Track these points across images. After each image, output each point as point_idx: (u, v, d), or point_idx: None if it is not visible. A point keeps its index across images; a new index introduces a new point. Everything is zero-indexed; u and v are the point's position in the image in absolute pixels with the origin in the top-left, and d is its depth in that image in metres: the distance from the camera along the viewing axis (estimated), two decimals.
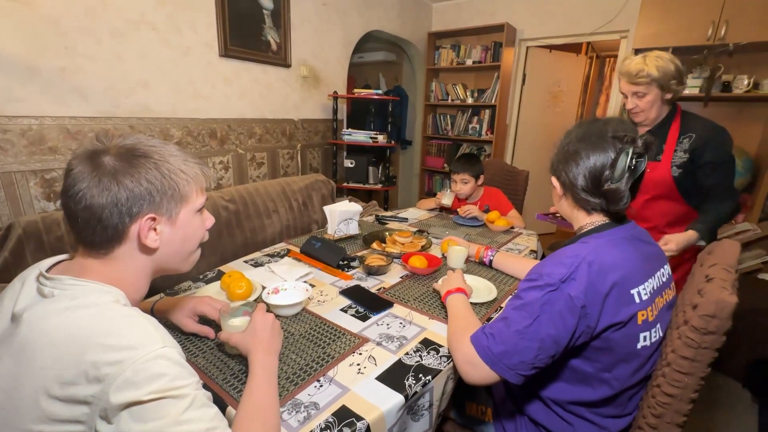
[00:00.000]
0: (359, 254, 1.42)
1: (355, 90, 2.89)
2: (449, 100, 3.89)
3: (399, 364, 0.81)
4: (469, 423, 0.99)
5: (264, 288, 1.10)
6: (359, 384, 0.75)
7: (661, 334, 0.76)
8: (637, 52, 2.76)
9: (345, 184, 3.02)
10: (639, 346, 0.73)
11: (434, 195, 4.11)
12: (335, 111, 2.95)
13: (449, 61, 3.82)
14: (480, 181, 1.99)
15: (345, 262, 1.34)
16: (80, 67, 1.72)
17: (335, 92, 2.92)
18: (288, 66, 2.64)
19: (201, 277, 1.20)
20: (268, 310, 0.84)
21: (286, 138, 2.77)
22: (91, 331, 0.51)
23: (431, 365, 0.81)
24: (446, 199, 1.96)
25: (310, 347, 0.86)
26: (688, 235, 1.24)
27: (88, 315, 0.53)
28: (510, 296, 0.93)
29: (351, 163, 2.93)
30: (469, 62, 3.67)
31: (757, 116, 2.69)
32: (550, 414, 0.84)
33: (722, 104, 2.74)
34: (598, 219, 0.81)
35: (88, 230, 0.57)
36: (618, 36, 3.18)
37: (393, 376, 0.77)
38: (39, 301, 0.56)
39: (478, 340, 0.76)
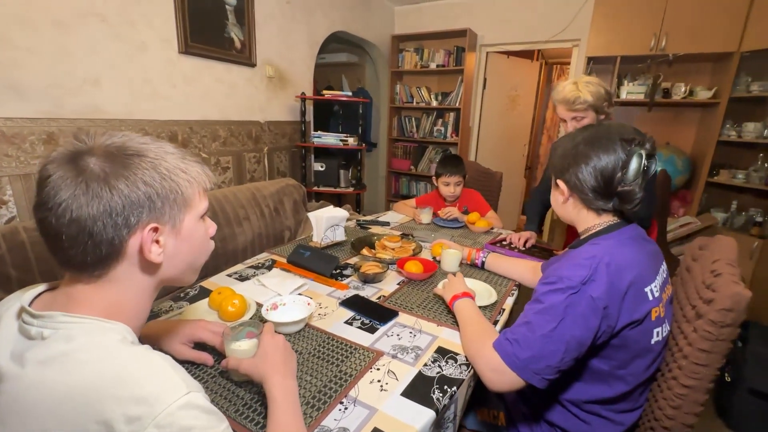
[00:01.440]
0: (350, 261, 1.37)
1: (324, 91, 2.81)
2: (414, 103, 3.93)
3: (421, 376, 0.78)
4: (482, 429, 0.98)
5: (258, 305, 1.02)
6: (386, 402, 0.71)
7: (668, 328, 0.80)
8: (589, 60, 2.97)
9: (315, 187, 2.93)
10: (653, 341, 0.76)
11: (403, 198, 4.16)
12: (303, 113, 2.85)
13: (413, 64, 3.85)
14: (464, 181, 2.01)
15: (337, 271, 1.28)
16: (16, 60, 1.50)
17: (303, 93, 2.82)
18: (253, 65, 2.51)
19: (182, 295, 1.08)
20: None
21: (252, 141, 2.63)
22: (100, 382, 0.42)
23: (453, 375, 0.79)
24: (425, 217, 1.94)
25: (323, 366, 0.80)
26: None
27: (93, 361, 0.44)
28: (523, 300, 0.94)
29: (321, 167, 2.85)
30: (432, 66, 3.73)
31: (692, 120, 2.99)
32: (566, 414, 0.85)
33: (663, 109, 3.02)
34: (607, 219, 0.83)
35: (76, 249, 0.47)
36: (570, 44, 3.38)
37: (418, 391, 0.74)
38: (25, 345, 0.46)
39: (503, 346, 0.75)
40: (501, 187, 2.29)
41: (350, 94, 2.81)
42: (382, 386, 0.75)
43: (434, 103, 3.81)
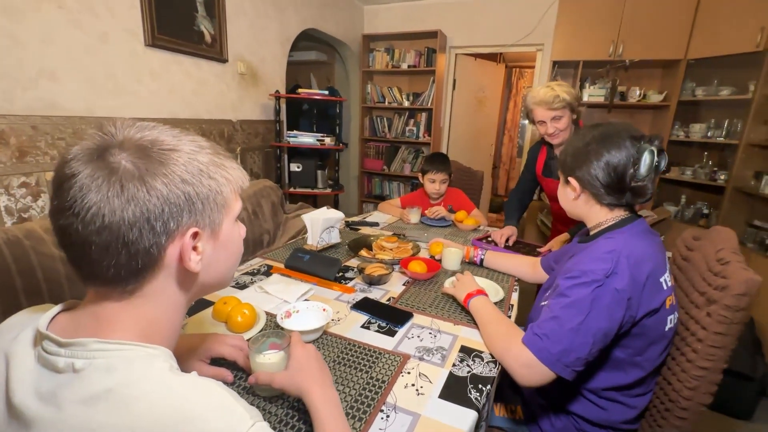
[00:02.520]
0: (349, 264, 1.33)
1: (300, 90, 2.73)
2: (386, 103, 3.93)
3: (453, 377, 0.77)
4: (501, 424, 0.99)
5: (267, 314, 0.96)
6: (426, 407, 0.69)
7: (677, 315, 0.85)
8: (554, 64, 3.12)
9: (291, 189, 2.84)
10: (667, 328, 0.80)
11: (376, 198, 4.14)
12: (277, 112, 2.75)
13: (384, 64, 3.85)
14: (449, 180, 2.03)
15: (340, 274, 1.24)
16: None
17: (277, 91, 2.73)
18: (224, 61, 2.39)
19: None
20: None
21: (224, 140, 2.49)
22: (160, 421, 0.37)
23: (483, 373, 0.79)
24: (414, 217, 1.94)
25: (352, 374, 0.77)
26: (565, 236, 1.53)
27: (147, 396, 0.38)
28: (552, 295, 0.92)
29: (298, 167, 2.77)
30: (404, 66, 3.75)
31: (645, 121, 3.25)
32: (584, 402, 0.88)
33: (621, 110, 3.24)
34: (619, 214, 0.87)
35: (108, 261, 0.40)
36: (534, 49, 3.54)
37: (454, 392, 0.73)
38: (55, 381, 0.39)
39: (533, 342, 0.76)
40: (482, 186, 2.35)
41: (327, 92, 2.76)
42: (417, 390, 0.73)
43: (406, 104, 3.83)
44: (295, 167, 2.78)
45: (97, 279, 0.43)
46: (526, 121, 6.24)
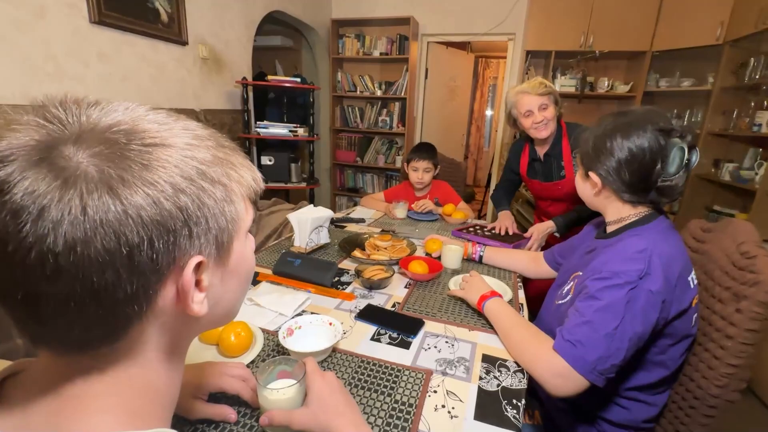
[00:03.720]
0: (343, 266, 1.23)
1: (269, 77, 2.54)
2: (357, 92, 3.79)
3: (484, 393, 0.71)
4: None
5: (263, 331, 0.85)
6: None
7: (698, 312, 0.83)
8: (528, 53, 3.13)
9: (264, 184, 2.65)
10: (692, 326, 0.78)
11: (350, 191, 4.02)
12: (245, 100, 2.55)
13: (355, 51, 3.70)
14: (436, 171, 1.97)
15: (336, 279, 1.14)
16: None
17: (244, 78, 2.52)
18: (184, 44, 2.16)
19: None
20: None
21: None
22: None
23: (514, 385, 0.73)
24: (400, 212, 1.85)
25: (374, 398, 0.68)
26: (547, 225, 1.50)
27: None
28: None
29: (270, 160, 2.59)
30: (376, 53, 3.62)
31: (612, 110, 3.35)
32: (606, 403, 0.85)
33: (590, 101, 3.32)
34: (642, 210, 0.83)
35: (68, 319, 0.28)
36: (506, 38, 3.54)
37: (489, 411, 0.66)
38: None
39: (567, 350, 0.70)
40: (466, 177, 2.30)
41: (298, 80, 2.58)
42: (449, 412, 0.66)
43: (378, 93, 3.72)
44: (266, 160, 2.60)
45: (54, 342, 0.30)
46: (491, 112, 6.39)
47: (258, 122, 2.61)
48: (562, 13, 2.95)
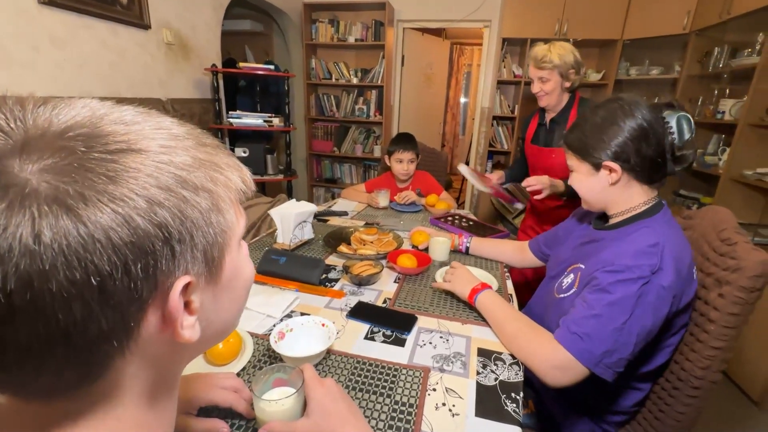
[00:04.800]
0: (327, 261, 1.20)
1: (241, 64, 2.42)
2: (333, 79, 3.69)
3: (482, 388, 0.70)
4: None
5: (251, 335, 0.81)
6: (466, 430, 0.61)
7: None
8: (504, 41, 3.13)
9: (253, 183, 2.55)
10: (689, 314, 0.81)
11: (327, 182, 3.94)
12: (215, 89, 2.42)
13: (329, 37, 3.59)
14: (417, 161, 1.94)
15: (324, 276, 1.11)
16: None
17: (213, 65, 2.39)
18: (146, 27, 2.01)
19: None
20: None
21: None
22: None
23: (511, 378, 0.73)
24: (383, 200, 1.82)
25: (373, 400, 0.66)
26: (559, 183, 1.44)
27: None
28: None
29: (244, 152, 2.49)
30: (351, 39, 3.52)
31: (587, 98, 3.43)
32: (600, 390, 0.87)
33: None
34: (651, 199, 0.82)
35: (31, 365, 0.23)
36: (482, 25, 3.52)
37: (489, 407, 0.66)
38: None
39: (572, 342, 0.71)
40: (447, 166, 2.30)
41: (272, 67, 2.47)
42: (450, 410, 0.65)
43: (354, 80, 3.63)
44: (241, 152, 2.50)
45: (20, 389, 0.25)
46: (466, 100, 6.40)
47: (230, 112, 2.48)
48: (536, 1, 2.96)
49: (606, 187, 0.84)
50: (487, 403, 0.67)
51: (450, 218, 1.65)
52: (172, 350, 0.31)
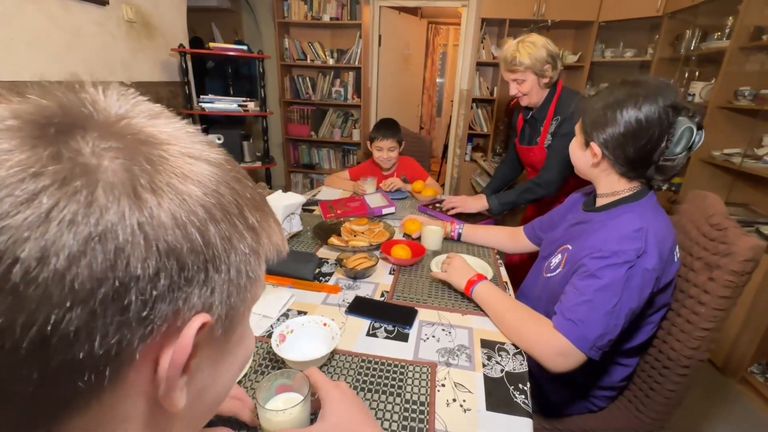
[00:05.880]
0: (319, 254, 1.17)
1: (211, 44, 2.27)
2: (308, 60, 3.54)
3: (491, 381, 0.71)
4: None
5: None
6: (479, 425, 0.61)
7: None
8: (483, 21, 3.09)
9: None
10: (670, 295, 0.84)
11: (305, 167, 3.84)
12: (184, 71, 2.27)
13: (302, 15, 3.42)
14: (401, 148, 1.90)
15: (317, 271, 1.08)
16: None
17: (181, 45, 2.22)
18: (103, 3, 1.84)
19: None
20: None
21: None
22: None
23: (516, 369, 0.74)
24: (369, 187, 1.78)
25: (383, 400, 0.65)
26: (479, 203, 1.50)
27: None
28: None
29: (219, 139, 2.37)
30: (326, 18, 3.38)
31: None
32: (590, 369, 0.90)
33: None
34: (636, 185, 0.83)
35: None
36: (459, 4, 3.45)
37: (499, 400, 0.67)
38: None
39: (569, 329, 0.72)
40: (431, 153, 2.28)
41: (245, 48, 2.33)
42: (461, 405, 0.65)
43: (331, 62, 3.51)
44: (215, 139, 2.37)
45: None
46: (442, 80, 6.35)
47: (201, 96, 2.34)
48: None
49: (588, 165, 0.86)
50: (497, 396, 0.67)
51: (438, 205, 1.64)
52: (148, 418, 0.24)
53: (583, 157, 0.86)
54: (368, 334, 0.82)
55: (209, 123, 2.56)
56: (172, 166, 0.21)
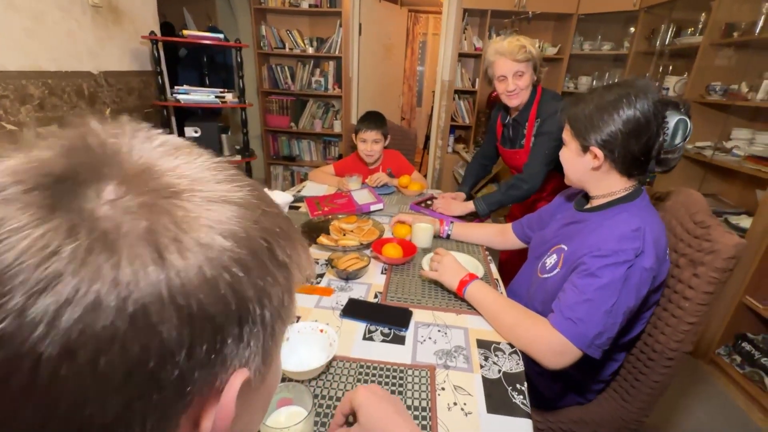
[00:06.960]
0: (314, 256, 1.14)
1: (185, 32, 2.15)
2: (286, 49, 3.43)
3: (489, 383, 0.71)
4: None
5: None
6: (482, 429, 0.62)
7: None
8: (465, 11, 3.07)
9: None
10: (662, 291, 0.86)
11: (285, 159, 3.75)
12: (157, 60, 2.15)
13: (279, 1, 3.30)
14: (386, 142, 1.88)
15: None
16: None
17: (152, 33, 2.10)
18: None
19: None
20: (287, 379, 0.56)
21: (84, 101, 1.86)
22: None
23: (513, 369, 0.75)
24: (354, 185, 1.75)
25: None
26: (463, 206, 1.51)
27: None
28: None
29: (196, 132, 2.27)
30: (305, 5, 3.27)
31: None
32: (582, 364, 0.92)
33: None
34: (632, 184, 0.85)
35: None
36: None
37: (499, 402, 0.67)
38: None
39: (568, 327, 0.74)
40: (416, 146, 2.26)
41: (221, 36, 2.23)
42: (462, 409, 0.65)
43: (310, 50, 3.41)
44: (191, 132, 2.27)
45: None
46: (422, 68, 6.31)
47: (176, 87, 2.23)
48: None
49: (587, 170, 0.86)
50: (496, 398, 0.68)
51: (430, 202, 1.62)
52: None
53: (582, 162, 0.86)
54: (364, 338, 0.81)
55: (185, 115, 2.45)
56: (197, 220, 0.19)
